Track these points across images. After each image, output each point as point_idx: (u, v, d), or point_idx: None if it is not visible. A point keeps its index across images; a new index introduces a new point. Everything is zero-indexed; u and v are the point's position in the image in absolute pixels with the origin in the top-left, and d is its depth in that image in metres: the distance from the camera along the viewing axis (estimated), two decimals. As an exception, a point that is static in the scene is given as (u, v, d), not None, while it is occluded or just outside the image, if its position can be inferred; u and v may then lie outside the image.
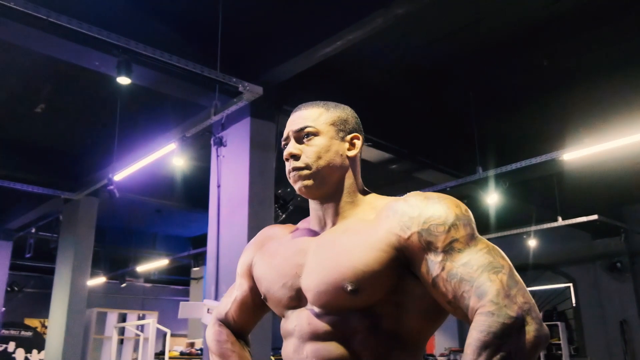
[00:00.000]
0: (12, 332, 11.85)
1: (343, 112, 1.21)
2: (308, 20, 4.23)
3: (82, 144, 6.66)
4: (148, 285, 14.08)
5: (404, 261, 1.05)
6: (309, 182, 1.15)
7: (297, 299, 1.13)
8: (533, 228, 7.43)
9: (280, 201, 5.05)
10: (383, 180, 7.19)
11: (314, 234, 1.20)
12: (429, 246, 1.02)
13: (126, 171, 5.05)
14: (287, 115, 4.23)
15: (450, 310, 1.02)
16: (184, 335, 11.41)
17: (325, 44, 4.12)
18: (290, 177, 1.17)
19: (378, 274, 1.03)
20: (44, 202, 7.75)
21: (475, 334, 0.92)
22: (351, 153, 1.19)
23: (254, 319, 1.35)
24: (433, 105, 5.85)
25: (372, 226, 1.09)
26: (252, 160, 4.53)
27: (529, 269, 9.35)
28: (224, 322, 1.36)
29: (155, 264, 10.64)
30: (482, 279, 0.96)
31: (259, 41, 4.61)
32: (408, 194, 1.13)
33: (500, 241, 9.10)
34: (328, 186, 1.16)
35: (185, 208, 8.54)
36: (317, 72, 4.75)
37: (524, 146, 5.98)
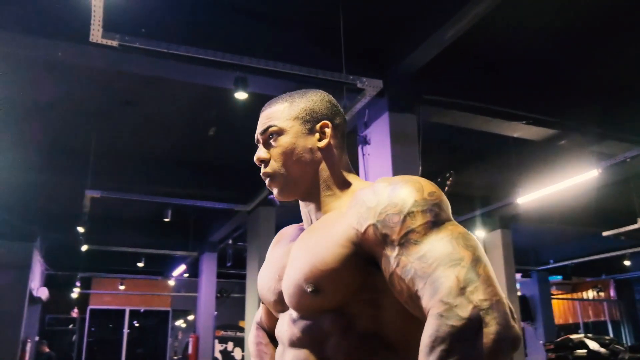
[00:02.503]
0: (230, 333, 13.22)
1: (309, 100, 1.12)
2: (428, 4, 4.05)
3: (249, 159, 7.20)
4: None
5: (366, 257, 0.94)
6: (281, 186, 1.10)
7: (281, 303, 1.07)
8: None
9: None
10: (553, 158, 6.53)
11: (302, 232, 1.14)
12: (385, 239, 0.91)
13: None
14: (429, 104, 4.10)
15: (411, 310, 0.89)
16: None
17: (451, 24, 3.91)
18: (266, 183, 1.13)
19: (337, 273, 0.94)
20: (233, 216, 8.57)
21: (424, 339, 0.79)
22: (322, 143, 1.09)
23: None
24: (595, 65, 5.14)
25: (341, 219, 1.00)
26: (394, 155, 4.49)
27: None
28: (260, 325, 1.36)
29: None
30: (435, 275, 0.82)
31: (384, 35, 4.55)
32: (378, 179, 1.02)
33: None
34: (303, 185, 1.09)
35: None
36: (452, 54, 4.52)
37: None
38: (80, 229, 6.84)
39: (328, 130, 1.10)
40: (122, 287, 13.01)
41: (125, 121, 6.18)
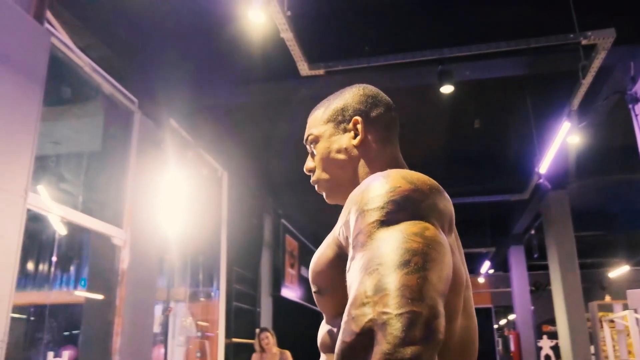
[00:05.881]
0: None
1: (341, 99, 1.08)
2: None
3: (512, 147, 6.76)
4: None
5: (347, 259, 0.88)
6: (326, 191, 1.09)
7: None
8: None
9: None
10: None
11: None
12: (347, 241, 0.85)
13: (545, 163, 4.90)
14: None
15: None
16: None
17: None
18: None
19: (326, 274, 0.92)
20: (527, 206, 8.13)
21: None
22: (356, 141, 1.04)
23: None
24: None
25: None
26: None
27: None
28: None
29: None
30: (356, 282, 0.73)
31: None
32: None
33: None
34: (345, 186, 1.06)
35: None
36: None
37: None
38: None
39: (360, 126, 1.05)
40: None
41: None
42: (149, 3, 4.00)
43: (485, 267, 11.40)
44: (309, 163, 1.11)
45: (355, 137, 1.05)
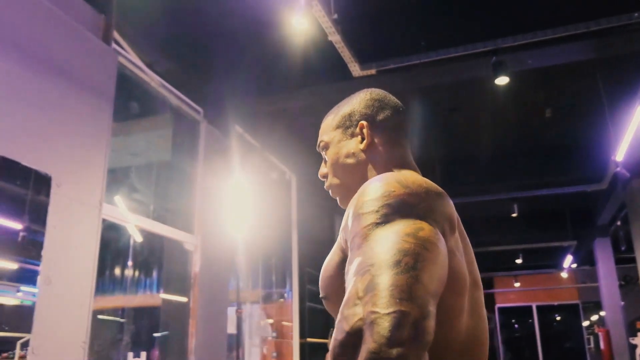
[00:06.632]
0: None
1: (349, 105, 1.09)
2: None
3: (586, 135, 6.42)
4: None
5: None
6: (339, 196, 1.11)
7: None
8: None
9: None
10: None
11: None
12: (346, 245, 0.86)
13: (621, 150, 4.64)
14: None
15: None
16: None
17: None
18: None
19: (333, 280, 0.93)
20: (610, 196, 7.72)
21: None
22: (362, 145, 1.05)
23: None
24: None
25: None
26: None
27: None
28: None
29: None
30: (350, 283, 0.75)
31: None
32: None
33: None
34: (356, 190, 1.03)
35: None
36: None
37: None
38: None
39: (365, 131, 1.06)
40: (517, 285, 13.00)
41: (453, 127, 6.42)
42: (207, 17, 4.16)
43: (568, 261, 10.88)
44: (322, 169, 1.13)
45: (362, 141, 1.06)
